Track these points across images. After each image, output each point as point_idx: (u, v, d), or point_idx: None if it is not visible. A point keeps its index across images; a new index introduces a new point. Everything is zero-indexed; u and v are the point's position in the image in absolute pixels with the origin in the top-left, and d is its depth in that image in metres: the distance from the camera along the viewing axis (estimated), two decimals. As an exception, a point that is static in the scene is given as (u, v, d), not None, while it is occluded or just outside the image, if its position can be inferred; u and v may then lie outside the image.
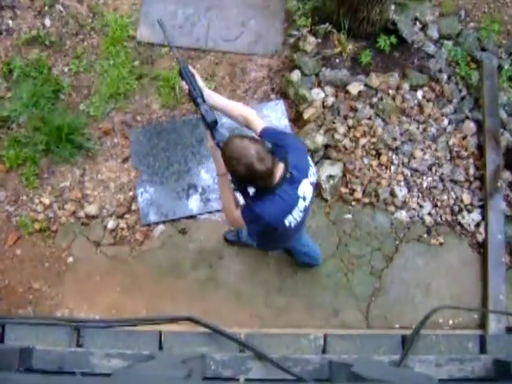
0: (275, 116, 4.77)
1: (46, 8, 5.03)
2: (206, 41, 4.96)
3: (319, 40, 4.83)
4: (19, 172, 4.62)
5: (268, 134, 2.89)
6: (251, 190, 2.90)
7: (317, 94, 4.68)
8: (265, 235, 3.12)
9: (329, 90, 4.72)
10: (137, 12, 5.03)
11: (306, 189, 2.85)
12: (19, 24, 5.00)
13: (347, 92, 4.73)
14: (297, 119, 4.75)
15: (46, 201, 4.57)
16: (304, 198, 2.86)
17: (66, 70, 4.89)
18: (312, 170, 2.91)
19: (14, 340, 2.07)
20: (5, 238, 4.53)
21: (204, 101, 2.93)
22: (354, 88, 4.73)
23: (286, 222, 2.86)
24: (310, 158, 2.94)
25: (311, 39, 4.82)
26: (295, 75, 4.73)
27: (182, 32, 4.99)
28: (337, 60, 4.78)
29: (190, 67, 2.94)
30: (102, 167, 4.68)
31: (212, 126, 2.91)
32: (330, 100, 4.69)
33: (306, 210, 2.95)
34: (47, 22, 5.00)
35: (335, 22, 4.79)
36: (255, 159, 2.62)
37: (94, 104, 4.76)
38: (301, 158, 2.86)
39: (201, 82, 2.98)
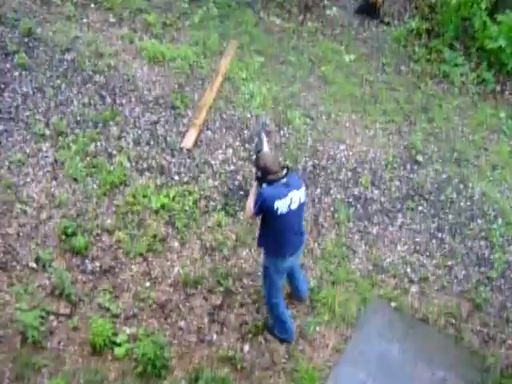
0: None
1: (250, 335, 5.49)
2: None
3: None
4: None
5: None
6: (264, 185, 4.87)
7: None
8: (264, 220, 4.93)
9: None
10: (328, 368, 5.28)
11: (294, 196, 4.76)
12: (220, 339, 5.46)
13: None
14: None
15: None
16: (291, 200, 4.74)
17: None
18: (302, 192, 4.89)
19: None
20: None
21: (261, 144, 5.13)
22: None
23: (275, 205, 4.68)
24: (304, 187, 4.99)
25: None
26: None
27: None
28: None
29: (263, 133, 5.21)
30: None
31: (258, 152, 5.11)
32: None
33: (292, 212, 4.78)
34: (246, 347, 5.42)
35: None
36: (271, 161, 4.78)
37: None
38: (295, 181, 4.90)
39: (265, 143, 5.16)
